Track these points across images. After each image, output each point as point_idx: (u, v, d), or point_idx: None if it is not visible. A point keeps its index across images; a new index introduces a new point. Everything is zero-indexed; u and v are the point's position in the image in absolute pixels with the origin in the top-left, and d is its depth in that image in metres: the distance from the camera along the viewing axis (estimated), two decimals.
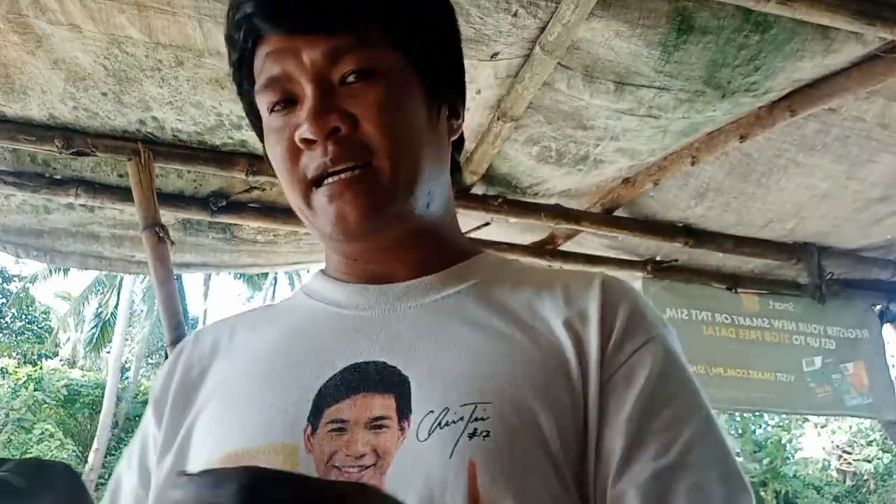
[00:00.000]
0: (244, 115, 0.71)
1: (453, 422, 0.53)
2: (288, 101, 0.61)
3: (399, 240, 0.65)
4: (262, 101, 0.63)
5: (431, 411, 0.54)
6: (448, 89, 0.69)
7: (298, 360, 0.62)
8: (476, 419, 0.53)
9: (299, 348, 0.64)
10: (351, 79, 0.60)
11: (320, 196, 0.60)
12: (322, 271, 0.73)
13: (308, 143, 0.59)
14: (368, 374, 0.59)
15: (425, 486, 0.51)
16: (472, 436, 0.52)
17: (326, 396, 0.57)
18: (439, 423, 0.53)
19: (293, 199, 0.63)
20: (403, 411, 0.55)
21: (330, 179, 0.59)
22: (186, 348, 0.71)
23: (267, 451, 0.55)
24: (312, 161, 0.59)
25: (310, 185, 0.61)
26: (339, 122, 0.58)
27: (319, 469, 0.54)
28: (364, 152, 0.59)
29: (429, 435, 0.53)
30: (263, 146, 0.69)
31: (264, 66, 0.61)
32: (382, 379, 0.58)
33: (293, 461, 0.54)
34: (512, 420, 0.53)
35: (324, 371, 0.59)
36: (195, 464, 0.59)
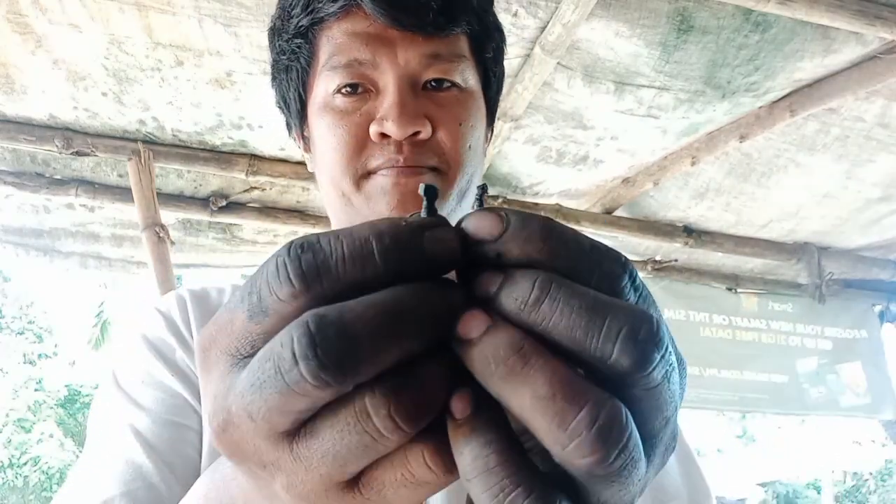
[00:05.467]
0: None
1: None
2: (358, 86, 0.61)
3: None
4: (331, 79, 0.61)
5: None
6: (496, 115, 0.72)
7: None
8: None
9: None
10: (436, 84, 0.62)
11: (379, 180, 0.60)
12: None
13: (384, 137, 0.59)
14: None
15: None
16: None
17: None
18: None
19: (339, 183, 0.62)
20: None
21: (394, 168, 0.60)
22: (188, 306, 0.68)
23: None
24: (380, 154, 0.59)
25: (366, 173, 0.61)
26: (422, 126, 0.59)
27: None
28: (433, 158, 0.61)
29: None
30: (298, 122, 0.67)
31: (348, 45, 0.60)
32: None
33: None
34: None
35: None
36: None
